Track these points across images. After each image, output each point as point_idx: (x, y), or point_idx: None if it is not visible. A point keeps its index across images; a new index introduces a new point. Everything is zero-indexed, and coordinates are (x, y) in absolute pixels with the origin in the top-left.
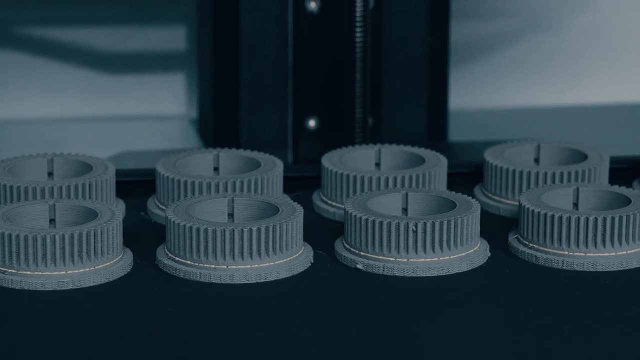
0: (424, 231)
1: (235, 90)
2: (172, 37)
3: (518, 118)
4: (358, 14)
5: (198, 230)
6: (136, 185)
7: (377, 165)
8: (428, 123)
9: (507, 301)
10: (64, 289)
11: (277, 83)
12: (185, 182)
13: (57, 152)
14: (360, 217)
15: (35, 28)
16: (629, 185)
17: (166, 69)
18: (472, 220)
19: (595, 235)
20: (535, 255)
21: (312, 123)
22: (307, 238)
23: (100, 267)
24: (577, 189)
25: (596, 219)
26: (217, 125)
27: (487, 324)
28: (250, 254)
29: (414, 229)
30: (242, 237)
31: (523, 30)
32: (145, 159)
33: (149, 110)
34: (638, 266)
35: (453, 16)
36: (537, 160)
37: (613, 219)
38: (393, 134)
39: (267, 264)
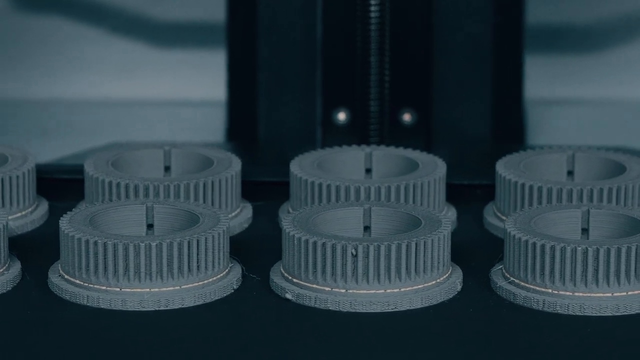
0: (367, 256)
1: (252, 74)
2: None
3: (612, 117)
4: None
5: (87, 243)
6: None
7: (368, 171)
8: (494, 122)
9: (452, 352)
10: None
11: (302, 67)
12: (111, 183)
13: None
14: (294, 236)
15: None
16: None
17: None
18: (437, 244)
19: (585, 271)
20: (514, 293)
21: (341, 116)
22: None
23: None
24: (588, 211)
25: (586, 249)
26: (234, 114)
27: None
28: (150, 274)
29: (354, 252)
30: (140, 253)
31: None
32: None
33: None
34: (638, 312)
35: None
36: (570, 173)
37: (608, 250)
38: (445, 134)
39: (171, 289)
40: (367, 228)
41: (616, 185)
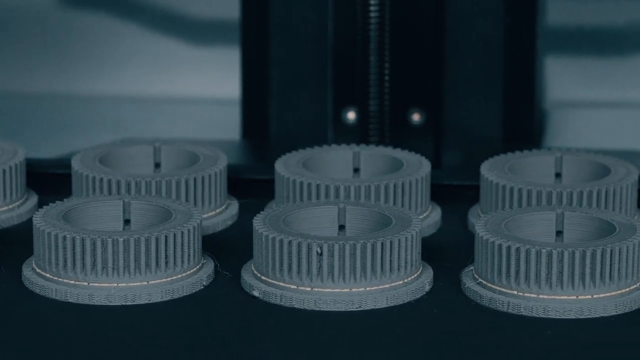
0: (332, 255)
1: (265, 73)
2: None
3: (627, 120)
4: None
5: (57, 237)
6: None
7: (356, 170)
8: (504, 123)
9: (411, 351)
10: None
11: (314, 67)
12: (94, 179)
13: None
14: (262, 234)
15: None
16: None
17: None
18: (404, 244)
19: (549, 273)
20: (480, 294)
21: (351, 116)
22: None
23: None
24: (563, 214)
25: (551, 252)
26: (248, 112)
27: None
28: (117, 270)
29: (319, 251)
30: (107, 248)
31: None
32: None
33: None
34: (603, 315)
35: None
36: (559, 175)
37: (573, 253)
38: (456, 134)
39: (138, 284)
40: (342, 227)
41: (597, 187)
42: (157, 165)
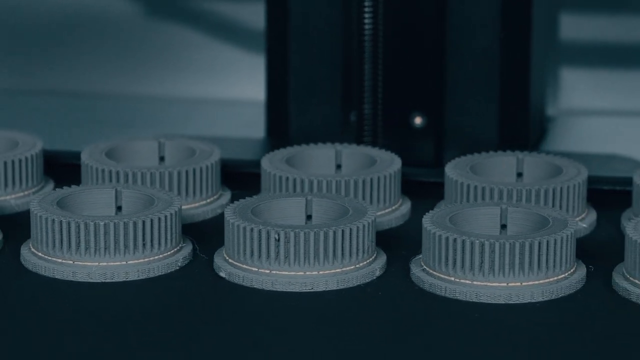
0: (288, 241)
1: (285, 77)
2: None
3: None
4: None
5: (47, 220)
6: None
7: (339, 167)
8: (500, 128)
9: (352, 329)
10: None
11: (328, 72)
12: (97, 169)
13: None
14: (229, 221)
15: None
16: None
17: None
18: (355, 233)
19: (482, 262)
20: (422, 280)
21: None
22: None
23: None
24: (507, 209)
25: (484, 242)
26: (272, 113)
27: (319, 351)
28: (99, 250)
29: (277, 237)
30: (90, 231)
31: None
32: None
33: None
34: (530, 301)
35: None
36: (520, 175)
37: (503, 244)
38: (455, 137)
39: (117, 263)
40: (309, 217)
41: (544, 186)
42: (162, 159)
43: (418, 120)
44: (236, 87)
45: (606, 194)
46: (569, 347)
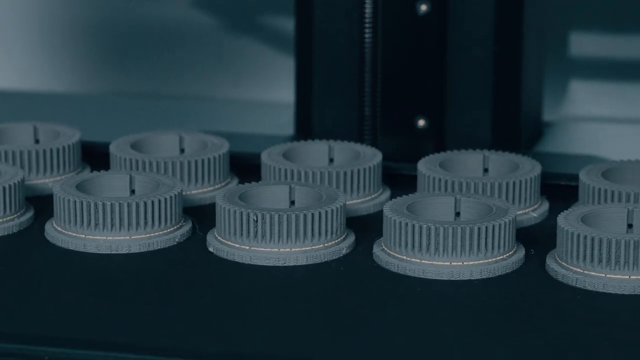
0: (265, 222)
1: (311, 81)
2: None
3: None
4: (367, 16)
5: (64, 200)
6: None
7: (331, 160)
8: (494, 129)
9: (314, 295)
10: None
11: (346, 79)
12: (120, 158)
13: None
14: (218, 205)
15: None
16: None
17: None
18: (324, 216)
19: (429, 243)
20: (380, 257)
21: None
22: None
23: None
24: (460, 199)
25: (430, 227)
26: (300, 113)
27: (288, 314)
28: (106, 226)
29: (255, 218)
30: (98, 210)
31: None
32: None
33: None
34: (470, 279)
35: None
36: (486, 170)
37: (446, 228)
38: (453, 138)
39: (122, 238)
40: (292, 202)
41: (498, 181)
42: (182, 150)
43: (421, 122)
44: (285, 92)
45: (562, 189)
46: (498, 318)
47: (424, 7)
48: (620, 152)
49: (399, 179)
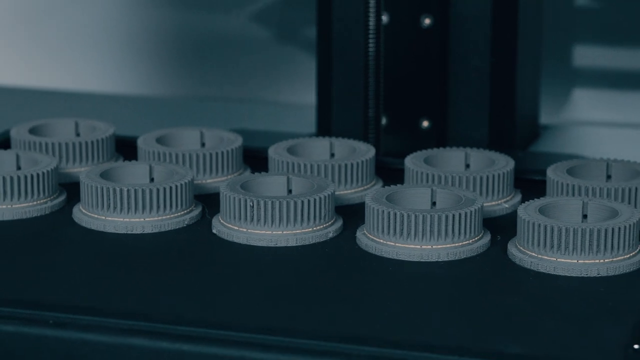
0: (260, 207)
1: (330, 84)
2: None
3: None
4: (371, 28)
5: (87, 185)
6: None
7: (333, 155)
8: (491, 130)
9: (298, 273)
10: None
11: (362, 83)
12: (145, 151)
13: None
14: (222, 192)
15: None
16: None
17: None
18: (313, 203)
19: (402, 229)
20: (362, 241)
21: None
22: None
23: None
24: (436, 191)
25: (403, 214)
26: (321, 114)
27: (277, 291)
28: (123, 209)
29: (252, 204)
30: (116, 195)
31: None
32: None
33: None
34: (437, 260)
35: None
36: (468, 166)
37: (416, 216)
38: (456, 138)
39: (137, 220)
40: (290, 191)
41: (472, 175)
42: (203, 145)
43: (425, 124)
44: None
45: (535, 183)
46: (459, 294)
47: (427, 21)
48: (610, 153)
49: (394, 173)
